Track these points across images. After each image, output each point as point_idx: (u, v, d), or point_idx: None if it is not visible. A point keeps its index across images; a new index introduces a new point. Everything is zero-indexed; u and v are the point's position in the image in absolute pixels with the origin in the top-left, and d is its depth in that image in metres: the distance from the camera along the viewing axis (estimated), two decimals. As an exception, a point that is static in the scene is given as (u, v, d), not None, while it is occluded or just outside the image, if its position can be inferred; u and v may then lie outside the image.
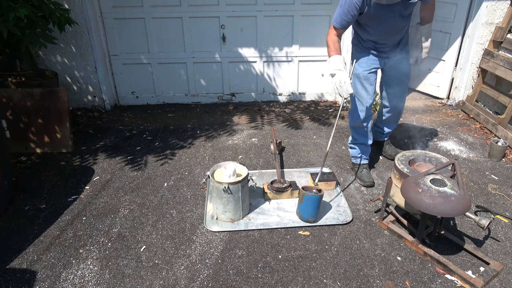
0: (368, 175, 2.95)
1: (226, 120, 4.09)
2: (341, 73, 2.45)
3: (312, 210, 2.44)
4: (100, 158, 3.30)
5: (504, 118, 3.55)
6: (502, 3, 3.88)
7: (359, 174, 2.98)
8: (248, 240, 2.36)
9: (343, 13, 2.42)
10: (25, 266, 2.17)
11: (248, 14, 4.11)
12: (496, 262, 2.13)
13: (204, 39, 4.20)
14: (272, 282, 2.06)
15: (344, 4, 2.39)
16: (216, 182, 2.39)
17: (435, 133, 3.76)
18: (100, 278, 2.09)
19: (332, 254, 2.24)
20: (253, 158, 3.31)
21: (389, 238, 2.37)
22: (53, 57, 3.96)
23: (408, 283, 2.05)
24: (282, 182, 2.77)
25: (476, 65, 4.17)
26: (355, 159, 3.05)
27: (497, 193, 2.81)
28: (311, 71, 4.47)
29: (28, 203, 2.70)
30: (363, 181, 2.93)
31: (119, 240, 2.36)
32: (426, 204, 1.95)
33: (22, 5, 2.87)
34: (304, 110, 4.37)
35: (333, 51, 2.51)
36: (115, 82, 4.36)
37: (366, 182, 2.91)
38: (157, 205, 2.69)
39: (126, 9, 3.99)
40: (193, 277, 2.09)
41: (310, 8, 4.11)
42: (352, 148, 3.05)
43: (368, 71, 2.72)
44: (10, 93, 3.24)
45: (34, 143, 3.34)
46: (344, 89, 2.44)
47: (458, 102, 4.43)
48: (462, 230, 2.44)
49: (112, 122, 4.04)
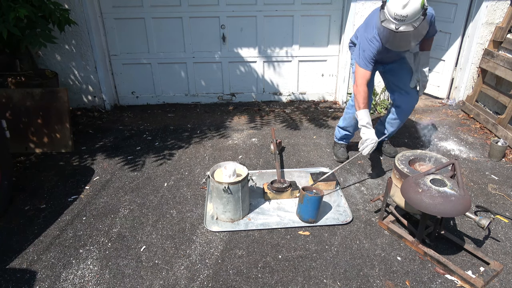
0: (343, 153, 3.27)
1: (226, 120, 4.09)
2: (369, 132, 2.67)
3: (312, 211, 2.44)
4: (100, 158, 3.30)
5: (504, 118, 3.55)
6: (502, 3, 3.88)
7: (336, 151, 3.32)
8: (248, 240, 2.36)
9: (368, 57, 2.62)
10: (25, 266, 2.17)
11: (248, 14, 4.11)
12: (496, 262, 2.13)
13: (204, 39, 4.20)
14: (272, 282, 2.06)
15: (367, 50, 2.60)
16: (216, 182, 2.39)
17: (435, 133, 3.76)
18: (100, 278, 2.09)
19: (332, 254, 2.24)
20: (253, 158, 3.31)
21: (389, 238, 2.37)
22: (53, 57, 3.96)
23: (408, 283, 2.05)
24: (282, 182, 2.77)
25: (476, 65, 4.17)
26: (335, 138, 3.34)
27: (497, 193, 2.81)
28: (311, 71, 4.47)
29: (28, 203, 2.70)
30: (337, 157, 3.27)
31: (119, 240, 2.36)
32: (426, 204, 1.95)
33: (22, 5, 2.87)
34: (304, 110, 4.37)
35: (363, 104, 2.69)
36: (115, 82, 4.36)
37: (340, 158, 3.25)
38: (157, 205, 2.69)
39: (126, 9, 3.99)
40: (193, 277, 2.09)
41: (310, 8, 4.11)
42: (339, 130, 3.26)
43: None
44: (10, 93, 3.24)
45: (34, 143, 3.34)
46: (368, 148, 2.65)
47: (458, 102, 4.43)
48: (462, 230, 2.44)
49: (112, 122, 4.04)
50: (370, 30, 2.58)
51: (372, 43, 2.57)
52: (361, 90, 2.67)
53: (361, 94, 2.67)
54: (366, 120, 2.67)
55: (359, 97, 2.68)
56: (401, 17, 2.28)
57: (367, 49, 2.60)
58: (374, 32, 2.55)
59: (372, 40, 2.57)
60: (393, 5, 2.29)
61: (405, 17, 2.27)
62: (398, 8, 2.27)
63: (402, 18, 2.28)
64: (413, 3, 2.25)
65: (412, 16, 2.28)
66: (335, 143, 3.35)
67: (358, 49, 2.68)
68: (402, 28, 2.31)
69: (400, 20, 2.29)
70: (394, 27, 2.33)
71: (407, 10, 2.25)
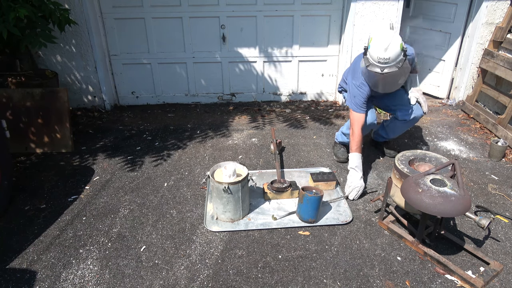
0: (343, 153, 3.25)
1: (226, 120, 4.09)
2: (356, 176, 2.72)
3: (312, 211, 2.44)
4: (100, 158, 3.30)
5: (504, 118, 3.55)
6: (502, 3, 3.88)
7: (336, 151, 3.30)
8: (248, 240, 2.36)
9: (359, 102, 2.74)
10: (25, 266, 2.17)
11: (248, 14, 4.11)
12: (496, 262, 2.13)
13: (204, 39, 4.20)
14: (272, 282, 2.06)
15: (357, 95, 2.73)
16: (216, 182, 2.39)
17: (435, 133, 3.76)
18: (100, 278, 2.09)
19: (332, 254, 2.24)
20: (253, 158, 3.31)
21: (389, 238, 2.37)
22: (53, 57, 3.96)
23: (408, 283, 2.05)
24: (282, 182, 2.77)
25: (476, 65, 4.18)
26: (337, 140, 3.33)
27: (497, 193, 2.81)
28: (311, 71, 4.47)
29: (28, 203, 2.70)
30: (337, 157, 3.26)
31: (119, 240, 2.36)
32: (426, 204, 1.95)
33: (22, 5, 2.87)
34: (304, 110, 4.37)
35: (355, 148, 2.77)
36: (115, 82, 4.36)
37: (340, 158, 3.24)
38: (157, 205, 2.69)
39: (126, 9, 3.99)
40: (193, 277, 2.09)
41: (310, 8, 4.11)
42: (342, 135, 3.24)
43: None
44: (10, 93, 3.24)
45: (34, 143, 3.34)
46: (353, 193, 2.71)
47: (458, 102, 4.43)
48: (462, 230, 2.44)
49: (112, 122, 4.04)
50: (358, 76, 2.73)
51: (361, 89, 2.72)
52: (356, 135, 2.76)
53: (356, 139, 2.77)
54: (355, 164, 2.75)
55: (353, 142, 2.78)
56: (385, 59, 2.41)
57: (357, 95, 2.73)
58: (361, 79, 2.69)
59: (360, 86, 2.71)
60: (375, 50, 2.43)
61: (388, 59, 2.41)
62: (381, 51, 2.40)
63: (385, 60, 2.42)
64: (393, 46, 2.39)
65: (395, 58, 2.42)
66: (335, 143, 3.35)
67: (349, 95, 2.82)
68: (387, 70, 2.44)
69: (384, 63, 2.43)
70: (379, 70, 2.45)
71: (389, 53, 2.40)
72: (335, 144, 3.35)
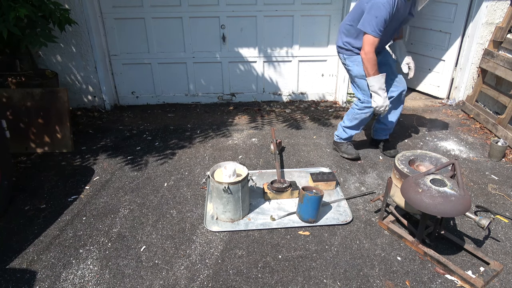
0: (353, 149, 3.22)
1: (226, 120, 4.09)
2: (380, 99, 2.77)
3: (312, 211, 2.44)
4: (100, 158, 3.30)
5: (504, 118, 3.55)
6: (502, 3, 3.88)
7: (345, 149, 3.24)
8: (248, 240, 2.36)
9: (380, 23, 2.63)
10: (25, 266, 2.17)
11: (248, 14, 4.11)
12: (496, 262, 2.13)
13: (204, 39, 4.20)
14: (272, 282, 2.06)
15: (380, 16, 2.61)
16: (216, 182, 2.39)
17: (435, 133, 3.76)
18: (100, 278, 2.09)
19: (332, 254, 2.24)
20: (253, 158, 3.31)
21: (389, 238, 2.37)
22: (53, 57, 3.97)
23: (408, 283, 2.05)
24: (282, 182, 2.77)
25: (476, 65, 4.17)
26: (339, 139, 3.27)
27: (497, 193, 2.81)
28: (311, 71, 4.47)
29: (28, 203, 2.70)
30: (349, 154, 3.20)
31: (119, 240, 2.36)
32: (426, 204, 1.95)
33: (22, 5, 2.87)
34: (304, 110, 4.37)
35: (373, 71, 2.73)
36: (115, 82, 4.36)
37: (353, 155, 3.19)
38: (157, 205, 2.69)
39: (126, 9, 3.99)
40: (193, 277, 2.09)
41: (310, 8, 4.11)
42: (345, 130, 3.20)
43: None
44: (10, 93, 3.24)
45: (34, 143, 3.34)
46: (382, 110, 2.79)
47: (458, 102, 4.43)
48: (462, 230, 2.44)
49: (112, 122, 4.04)
50: None
51: (387, 7, 2.61)
52: (371, 56, 2.69)
53: (371, 60, 2.70)
54: (378, 86, 2.73)
55: (370, 64, 2.71)
56: None
57: (380, 15, 2.61)
58: None
59: (385, 5, 2.60)
60: None
61: None
62: None
63: None
64: None
65: None
66: (340, 144, 3.28)
67: (368, 18, 2.67)
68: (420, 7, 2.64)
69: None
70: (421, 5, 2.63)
71: None
72: (340, 144, 3.27)
